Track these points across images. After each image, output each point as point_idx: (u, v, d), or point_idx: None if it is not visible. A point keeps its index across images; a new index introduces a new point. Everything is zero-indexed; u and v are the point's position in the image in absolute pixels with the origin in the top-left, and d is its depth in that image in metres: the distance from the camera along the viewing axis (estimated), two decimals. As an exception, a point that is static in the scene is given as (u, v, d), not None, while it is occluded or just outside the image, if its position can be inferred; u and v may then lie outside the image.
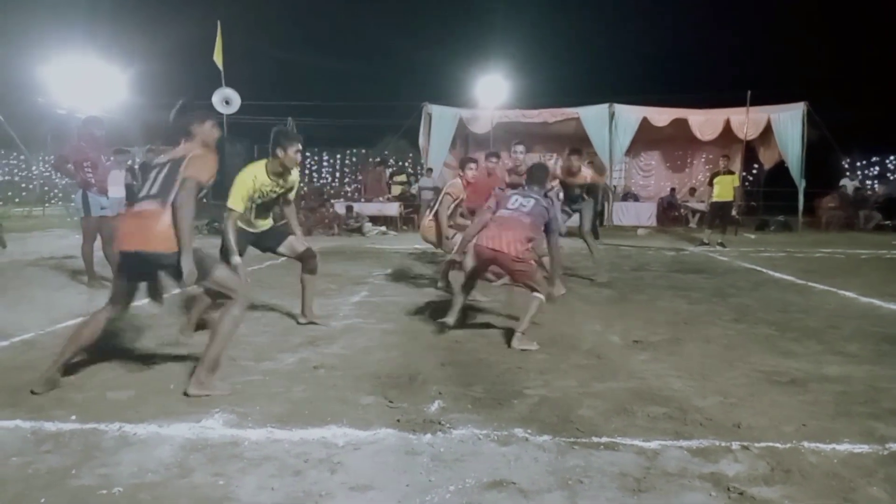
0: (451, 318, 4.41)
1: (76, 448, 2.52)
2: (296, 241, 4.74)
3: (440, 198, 6.07)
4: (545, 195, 4.72)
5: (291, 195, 4.69)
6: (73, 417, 2.82)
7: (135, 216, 3.14)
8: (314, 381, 3.41)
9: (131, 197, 10.70)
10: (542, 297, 4.28)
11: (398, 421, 2.82)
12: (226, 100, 13.39)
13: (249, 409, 2.95)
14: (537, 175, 4.84)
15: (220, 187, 4.72)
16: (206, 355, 3.14)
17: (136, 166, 13.26)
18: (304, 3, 35.12)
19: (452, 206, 5.98)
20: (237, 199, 4.29)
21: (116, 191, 6.92)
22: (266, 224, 4.64)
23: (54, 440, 2.59)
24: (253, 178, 4.33)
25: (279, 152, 4.31)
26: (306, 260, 4.74)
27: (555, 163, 8.09)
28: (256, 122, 17.14)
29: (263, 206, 4.52)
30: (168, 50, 23.31)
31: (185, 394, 3.11)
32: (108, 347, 4.03)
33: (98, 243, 6.53)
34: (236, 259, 4.21)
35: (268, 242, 4.70)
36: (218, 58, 13.56)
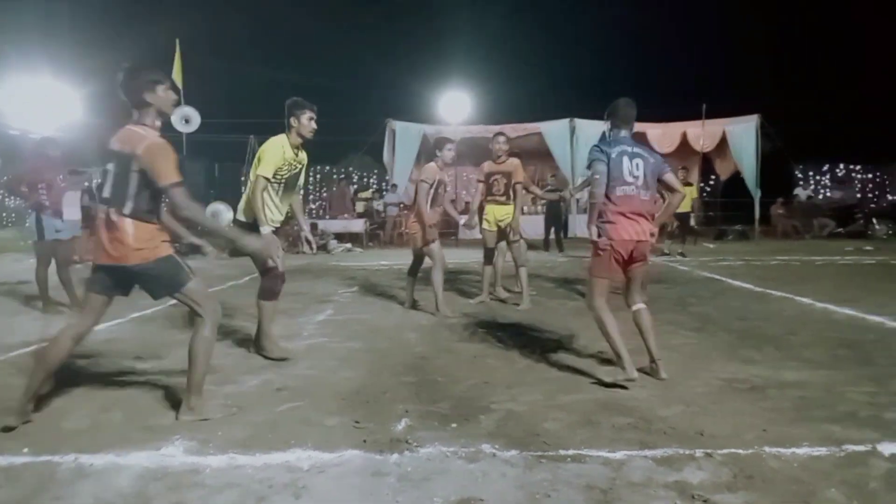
0: (632, 372, 3.52)
1: (29, 482, 2.42)
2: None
3: (416, 188, 5.83)
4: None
5: (301, 181, 4.51)
6: (25, 450, 2.71)
7: (101, 224, 2.94)
8: (278, 403, 3.35)
9: (88, 220, 10.46)
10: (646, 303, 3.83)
11: (364, 441, 2.78)
12: (185, 118, 13.19)
13: (211, 434, 2.88)
14: (625, 112, 3.78)
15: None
16: (189, 381, 3.08)
17: (94, 187, 12.99)
18: (264, 21, 35.00)
19: (431, 192, 5.73)
20: (270, 167, 4.14)
21: (72, 213, 6.71)
22: (282, 216, 4.39)
23: (4, 474, 2.49)
24: (282, 149, 4.20)
25: (293, 122, 4.21)
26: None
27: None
28: (217, 140, 16.92)
29: (286, 186, 4.31)
30: (125, 68, 22.88)
31: (177, 419, 3.05)
32: (63, 374, 3.91)
33: (53, 267, 6.35)
34: (266, 229, 4.05)
35: None
36: (177, 76, 13.40)
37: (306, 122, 4.22)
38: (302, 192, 4.69)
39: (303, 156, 4.38)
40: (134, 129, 2.98)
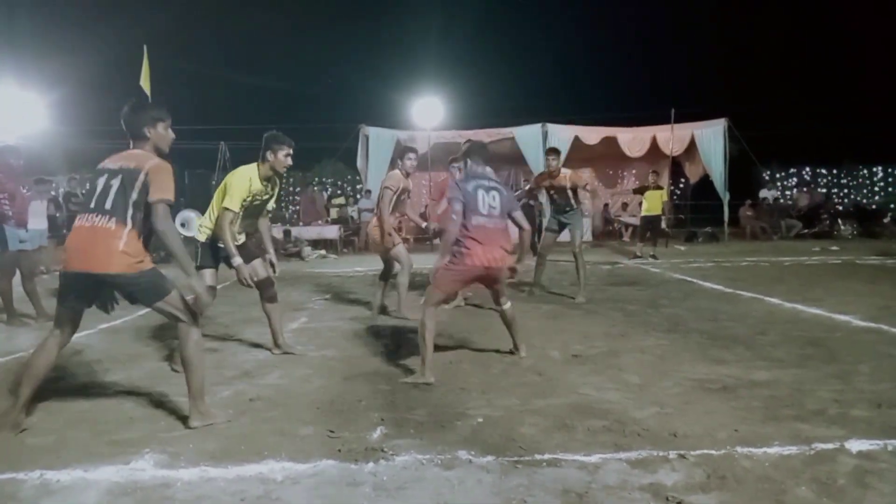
0: (430, 377, 3.80)
1: (-9, 501, 2.35)
2: (259, 266, 4.47)
3: (380, 193, 5.86)
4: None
5: (271, 205, 4.56)
6: (-12, 468, 2.63)
7: (86, 231, 2.94)
8: (250, 414, 3.30)
9: (54, 229, 10.24)
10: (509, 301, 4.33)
11: (339, 451, 2.75)
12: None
13: (182, 447, 2.82)
14: (479, 152, 4.30)
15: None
16: (190, 388, 3.10)
17: (60, 196, 12.70)
18: (236, 26, 34.68)
19: (394, 198, 5.73)
20: (236, 200, 4.15)
21: (37, 223, 6.57)
22: (241, 238, 4.45)
23: (-34, 494, 2.41)
24: (249, 181, 4.21)
25: (269, 156, 4.22)
26: (264, 288, 4.53)
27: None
28: (187, 147, 16.66)
29: (249, 213, 4.37)
30: (91, 75, 22.47)
31: (189, 427, 3.05)
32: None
33: (17, 278, 6.19)
34: (237, 260, 4.12)
35: None
36: (145, 83, 13.17)
37: (282, 157, 4.25)
38: (270, 214, 4.73)
39: (273, 186, 4.41)
40: (137, 151, 3.11)
